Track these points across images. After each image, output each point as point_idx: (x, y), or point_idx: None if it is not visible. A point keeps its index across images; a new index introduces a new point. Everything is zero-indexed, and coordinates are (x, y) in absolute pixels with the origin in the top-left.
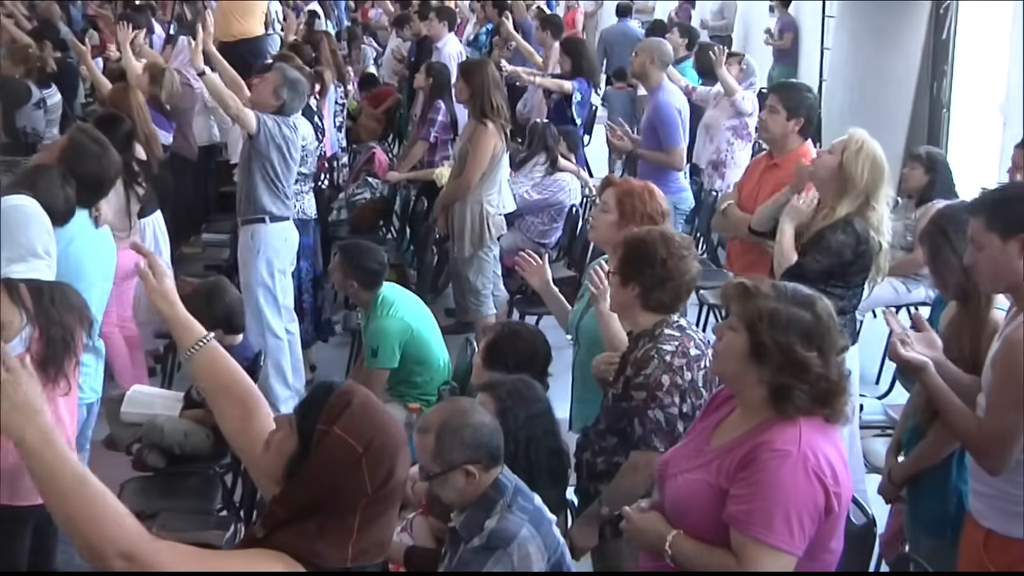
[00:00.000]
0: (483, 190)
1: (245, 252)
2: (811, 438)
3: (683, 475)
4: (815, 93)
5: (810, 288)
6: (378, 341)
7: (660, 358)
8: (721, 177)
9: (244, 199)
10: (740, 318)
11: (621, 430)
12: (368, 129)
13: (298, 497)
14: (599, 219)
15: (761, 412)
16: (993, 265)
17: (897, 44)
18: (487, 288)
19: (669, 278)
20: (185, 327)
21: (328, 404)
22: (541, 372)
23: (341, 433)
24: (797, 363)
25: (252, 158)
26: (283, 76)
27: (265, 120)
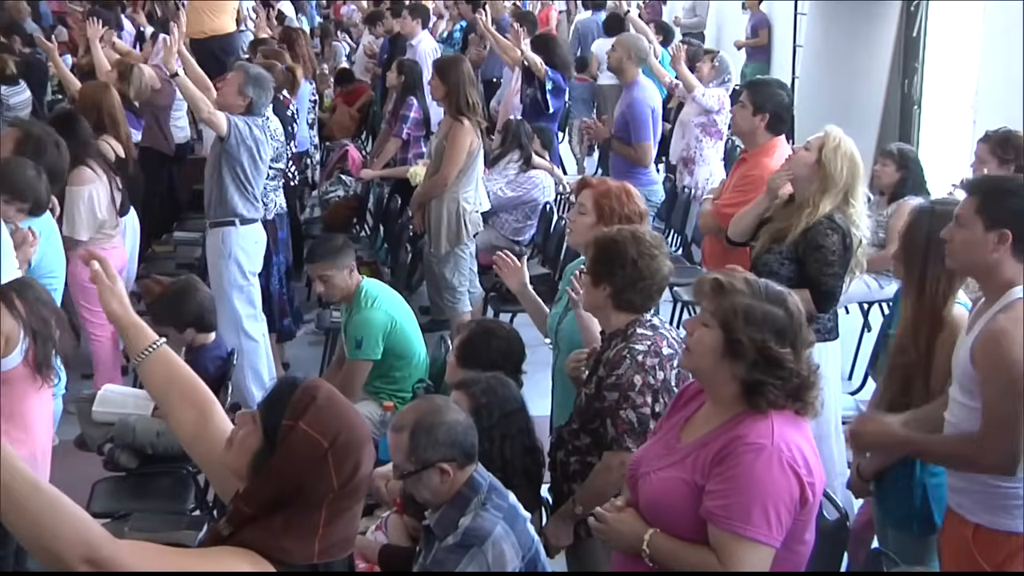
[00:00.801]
0: (460, 187)
1: (214, 255)
2: (783, 431)
3: (656, 473)
4: (788, 90)
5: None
6: (362, 332)
7: (632, 358)
8: (690, 173)
9: (214, 201)
10: (714, 314)
11: (594, 430)
12: (341, 126)
13: (264, 493)
14: (576, 221)
15: (733, 407)
16: (967, 247)
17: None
18: (463, 285)
19: (640, 278)
20: (137, 330)
21: (293, 399)
22: (515, 370)
23: (306, 428)
24: (771, 359)
25: (222, 160)
26: (246, 74)
27: (236, 122)
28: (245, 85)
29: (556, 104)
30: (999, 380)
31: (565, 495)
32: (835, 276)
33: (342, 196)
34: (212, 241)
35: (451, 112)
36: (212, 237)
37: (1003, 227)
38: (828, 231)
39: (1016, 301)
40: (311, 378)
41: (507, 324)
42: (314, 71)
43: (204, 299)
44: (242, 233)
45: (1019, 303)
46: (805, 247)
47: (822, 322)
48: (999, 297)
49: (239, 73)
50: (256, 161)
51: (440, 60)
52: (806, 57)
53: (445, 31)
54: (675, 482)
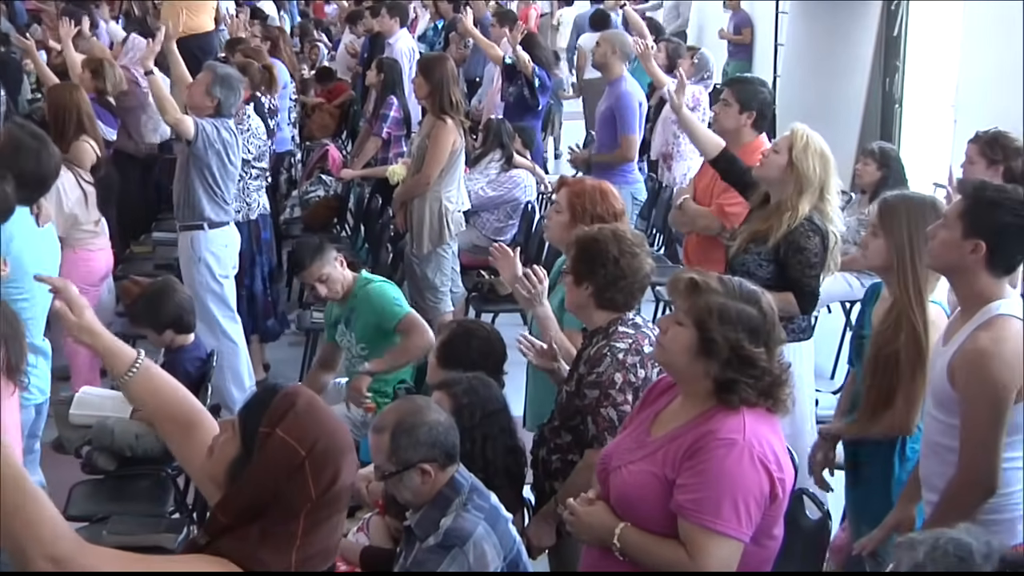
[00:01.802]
0: (442, 187)
1: (186, 259)
2: (755, 426)
3: (627, 467)
4: (769, 88)
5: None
6: (385, 298)
7: (613, 356)
8: (669, 169)
9: (182, 205)
10: (688, 313)
11: (575, 428)
12: (322, 126)
13: (240, 501)
14: (552, 219)
15: (705, 402)
16: (944, 248)
17: (849, 41)
18: (445, 285)
19: (622, 277)
20: (115, 354)
21: (272, 406)
22: (497, 370)
23: (284, 435)
24: (744, 358)
25: (190, 163)
26: (213, 75)
27: (203, 125)
28: (212, 86)
29: (543, 100)
30: (981, 402)
31: (547, 493)
32: (816, 278)
33: (322, 196)
34: (182, 244)
35: (434, 111)
36: (182, 240)
37: (979, 238)
38: (809, 233)
39: (995, 318)
40: (292, 384)
41: (488, 324)
42: (292, 69)
43: (183, 300)
44: (211, 237)
45: (998, 321)
46: (787, 250)
47: (796, 322)
48: (972, 309)
49: (207, 74)
50: (225, 164)
51: (424, 59)
52: (787, 56)
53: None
54: (645, 476)
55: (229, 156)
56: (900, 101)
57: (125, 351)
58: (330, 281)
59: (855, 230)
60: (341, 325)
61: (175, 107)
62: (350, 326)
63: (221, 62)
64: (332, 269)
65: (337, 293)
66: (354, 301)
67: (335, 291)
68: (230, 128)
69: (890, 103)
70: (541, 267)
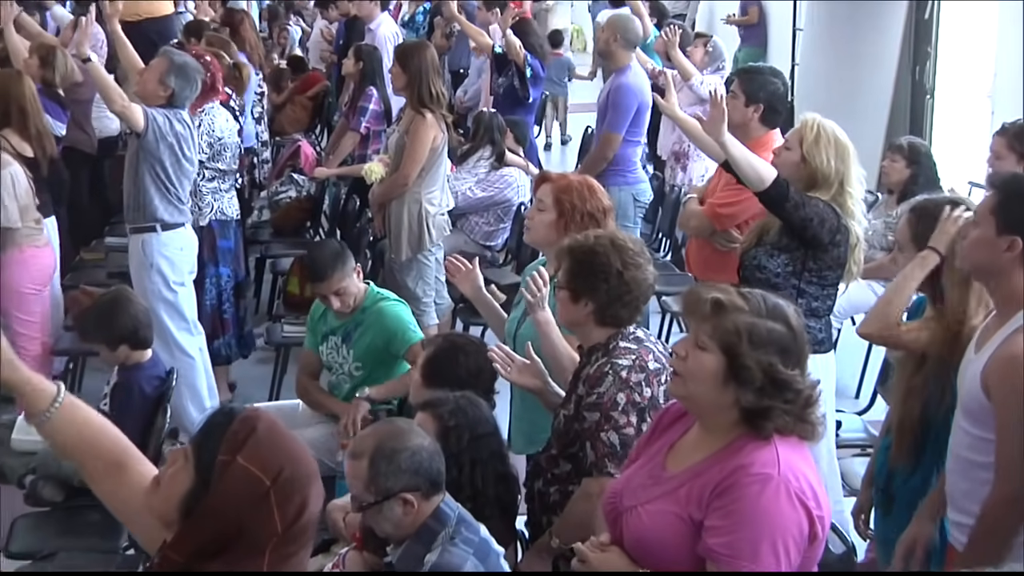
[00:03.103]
0: (422, 187)
1: (137, 265)
2: (789, 459)
3: (644, 507)
4: (783, 78)
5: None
6: (405, 316)
7: (615, 374)
8: (683, 169)
9: (132, 205)
10: (713, 336)
11: (573, 455)
12: (293, 119)
13: (197, 538)
14: (535, 219)
15: (729, 432)
16: (976, 247)
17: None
18: (428, 296)
19: (627, 291)
20: (34, 389)
21: (230, 431)
22: (487, 389)
23: (245, 464)
24: (780, 383)
25: (140, 159)
26: (170, 62)
27: (154, 116)
28: (167, 74)
29: (535, 93)
30: (1019, 411)
31: (543, 528)
32: (799, 198)
33: (294, 197)
34: (133, 248)
35: (413, 104)
36: (132, 244)
37: (1015, 234)
38: (821, 203)
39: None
40: (249, 407)
41: (477, 339)
42: (261, 59)
43: (138, 312)
44: (165, 240)
45: None
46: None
47: (812, 333)
48: (1009, 312)
49: (162, 60)
50: (179, 159)
51: (402, 46)
52: (806, 42)
53: (407, 14)
54: (667, 517)
55: (184, 151)
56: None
57: (45, 385)
58: (346, 294)
59: (881, 234)
60: (335, 338)
61: (121, 95)
62: (349, 342)
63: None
64: (351, 281)
65: (349, 307)
66: (362, 317)
67: (348, 305)
68: (184, 120)
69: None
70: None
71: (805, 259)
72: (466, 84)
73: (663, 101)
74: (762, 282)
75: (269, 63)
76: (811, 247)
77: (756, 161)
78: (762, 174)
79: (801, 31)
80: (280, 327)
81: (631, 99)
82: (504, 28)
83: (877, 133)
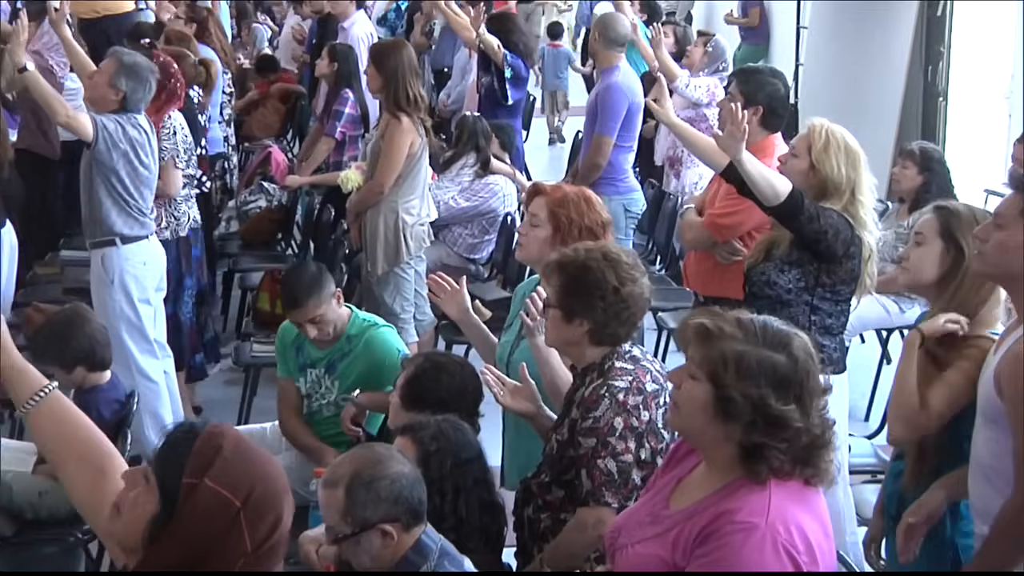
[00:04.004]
0: (399, 196)
1: (97, 281)
2: (782, 507)
3: (634, 547)
4: (783, 79)
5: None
6: (394, 344)
7: (612, 397)
8: (677, 176)
9: (89, 219)
10: (700, 365)
11: (568, 482)
12: (263, 124)
13: (163, 563)
14: (529, 235)
15: (729, 471)
16: (1002, 251)
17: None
18: (407, 312)
19: (624, 308)
20: (20, 374)
21: (194, 451)
22: (471, 412)
23: (214, 485)
24: (771, 419)
25: (94, 170)
26: (118, 63)
27: (104, 123)
28: (117, 76)
29: (516, 95)
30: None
31: (533, 558)
32: (815, 209)
33: (264, 207)
34: (93, 264)
35: (388, 107)
36: (93, 259)
37: None
38: (834, 214)
39: None
40: (212, 424)
41: (461, 358)
42: (229, 59)
43: (95, 331)
44: (126, 254)
45: None
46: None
47: (827, 352)
48: None
49: (110, 62)
50: (136, 168)
51: (377, 46)
52: (812, 40)
53: (382, 11)
54: (652, 560)
55: (140, 158)
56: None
57: (34, 374)
58: (323, 323)
59: (892, 245)
60: (316, 370)
61: (63, 104)
62: (334, 373)
63: (140, 49)
64: (328, 309)
65: (328, 336)
66: (348, 346)
67: (327, 333)
68: (139, 125)
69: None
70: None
71: (818, 273)
72: (449, 86)
73: (656, 105)
74: (772, 299)
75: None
76: (824, 261)
77: (772, 176)
78: (778, 189)
79: (805, 29)
80: (249, 346)
81: (620, 101)
82: (477, 27)
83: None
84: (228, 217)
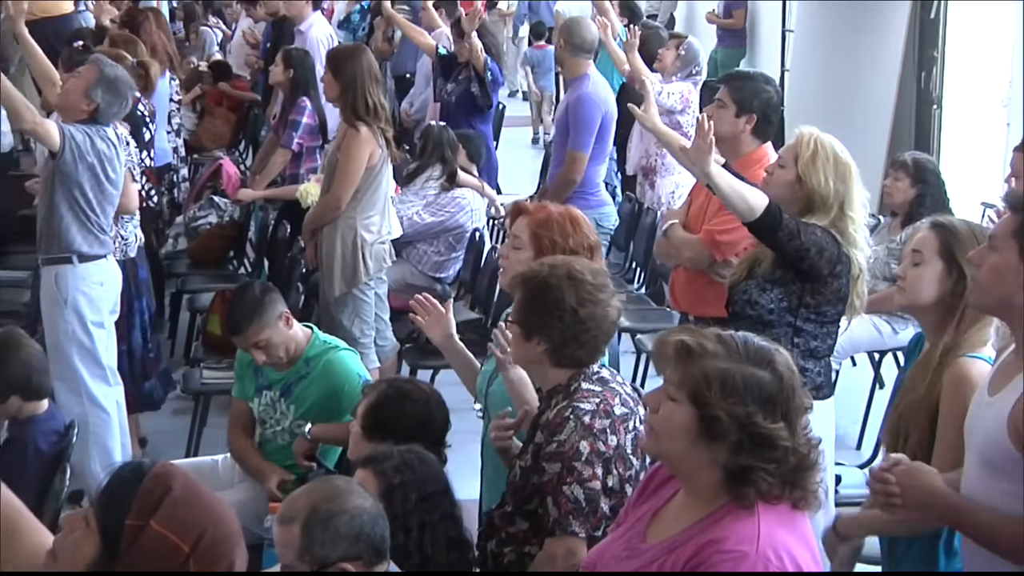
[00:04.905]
0: (357, 212)
1: (49, 301)
2: (772, 533)
3: None
4: (775, 85)
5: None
6: (354, 368)
7: (577, 419)
8: (651, 187)
9: (46, 233)
10: (681, 386)
11: (532, 512)
12: (214, 134)
13: None
14: (510, 258)
15: (713, 499)
16: (995, 276)
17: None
18: (367, 335)
19: (584, 330)
20: None
21: (141, 491)
22: (437, 442)
23: (160, 528)
24: (759, 438)
25: (56, 182)
26: (99, 73)
27: (72, 133)
28: (95, 86)
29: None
30: None
31: None
32: (820, 256)
33: (214, 223)
34: (45, 282)
35: (346, 116)
36: (45, 277)
37: None
38: (818, 230)
39: None
40: (162, 463)
41: (426, 384)
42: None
43: (31, 357)
44: (83, 273)
45: None
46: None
47: (810, 376)
48: None
49: (92, 69)
50: (101, 182)
51: (334, 51)
52: (798, 44)
53: (343, 13)
54: None
55: (107, 172)
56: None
57: None
58: (270, 347)
59: (883, 262)
60: (271, 393)
61: (30, 109)
62: (289, 396)
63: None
64: (274, 332)
65: (280, 359)
66: (306, 369)
67: (276, 357)
68: (107, 138)
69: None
70: None
71: (802, 293)
72: (412, 94)
73: (640, 111)
74: (753, 319)
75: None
76: (808, 280)
77: (745, 190)
78: (752, 204)
79: (792, 33)
80: (199, 372)
81: (593, 113)
82: (471, 30)
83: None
84: (176, 234)
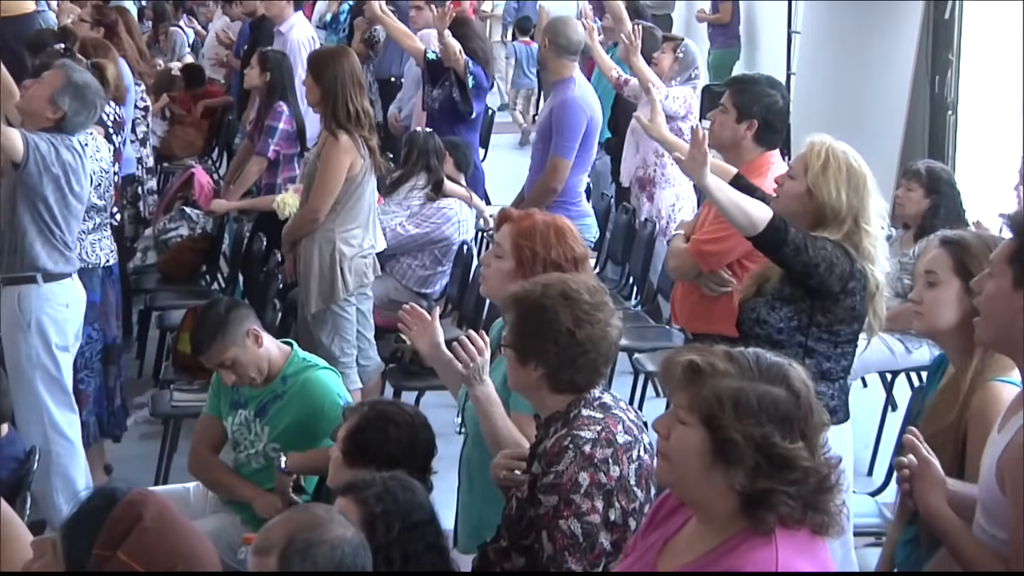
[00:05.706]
0: (336, 224)
1: (9, 323)
2: (790, 561)
3: None
4: (782, 90)
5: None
6: (333, 388)
7: (576, 449)
8: (649, 199)
9: (7, 250)
10: (691, 408)
11: (528, 548)
12: (185, 142)
13: None
14: (491, 267)
15: (729, 526)
16: (992, 304)
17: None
18: (348, 355)
19: (582, 353)
20: None
21: (110, 519)
22: (422, 469)
23: (127, 559)
24: (778, 459)
25: (18, 194)
26: (66, 79)
27: (36, 143)
28: (61, 93)
29: (477, 107)
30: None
31: None
32: (830, 272)
33: (185, 236)
34: (6, 303)
35: (327, 123)
36: (6, 297)
37: None
38: (829, 245)
39: None
40: (136, 489)
41: (410, 407)
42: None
43: None
44: (48, 293)
45: None
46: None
47: (823, 400)
48: None
49: (58, 74)
50: (66, 196)
51: (316, 53)
52: (805, 47)
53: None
54: None
55: (71, 185)
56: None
57: None
58: (238, 366)
59: (895, 277)
60: (245, 411)
61: None
62: (264, 417)
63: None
64: (240, 351)
65: (253, 379)
66: (282, 387)
67: (247, 377)
68: (74, 148)
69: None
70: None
71: (812, 311)
72: (401, 99)
73: (647, 122)
74: (762, 339)
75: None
76: (818, 298)
77: (746, 203)
78: (754, 218)
79: (798, 34)
80: (169, 394)
81: (578, 118)
82: (442, 28)
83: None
84: (145, 247)
